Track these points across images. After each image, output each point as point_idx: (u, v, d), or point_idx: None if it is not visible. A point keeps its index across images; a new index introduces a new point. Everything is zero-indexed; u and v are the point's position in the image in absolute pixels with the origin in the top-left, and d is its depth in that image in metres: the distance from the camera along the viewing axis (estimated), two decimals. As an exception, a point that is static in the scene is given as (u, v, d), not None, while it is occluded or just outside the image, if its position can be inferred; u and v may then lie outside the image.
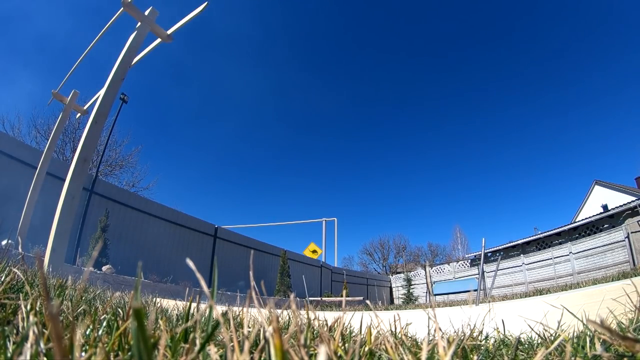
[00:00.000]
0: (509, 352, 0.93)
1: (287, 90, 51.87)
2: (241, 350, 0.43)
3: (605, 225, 17.27)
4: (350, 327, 1.31)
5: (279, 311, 1.26)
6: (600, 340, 0.85)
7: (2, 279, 1.18)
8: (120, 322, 0.67)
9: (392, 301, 28.53)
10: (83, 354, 0.57)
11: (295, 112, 53.68)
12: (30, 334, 0.48)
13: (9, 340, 0.56)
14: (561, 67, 42.97)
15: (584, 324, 1.01)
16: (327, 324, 1.20)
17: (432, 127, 54.08)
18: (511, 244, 22.52)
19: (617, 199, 20.61)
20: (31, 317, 0.64)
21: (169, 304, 2.24)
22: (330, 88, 53.29)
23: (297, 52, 50.27)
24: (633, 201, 15.91)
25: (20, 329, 0.67)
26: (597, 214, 17.94)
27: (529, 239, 21.48)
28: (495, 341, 1.14)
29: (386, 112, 54.48)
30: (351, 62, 51.81)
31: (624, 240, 15.34)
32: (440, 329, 0.68)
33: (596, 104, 42.15)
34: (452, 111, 52.74)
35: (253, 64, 48.82)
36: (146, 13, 5.66)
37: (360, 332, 1.05)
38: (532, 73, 45.51)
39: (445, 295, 23.83)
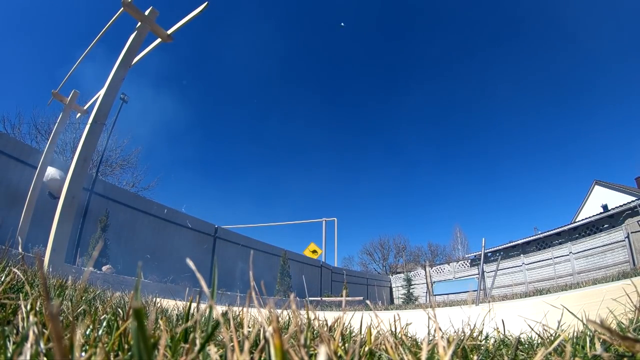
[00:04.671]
0: (509, 352, 0.93)
1: (288, 92, 51.89)
2: (241, 350, 0.43)
3: (605, 225, 17.27)
4: (350, 327, 1.31)
5: (279, 311, 1.26)
6: (600, 340, 0.85)
7: (2, 279, 1.18)
8: (120, 322, 0.67)
9: (392, 301, 28.52)
10: (83, 354, 0.57)
11: (296, 113, 53.72)
12: (30, 334, 0.48)
13: (9, 340, 0.56)
14: (560, 66, 43.01)
15: (584, 324, 1.01)
16: (327, 324, 1.20)
17: (432, 126, 54.13)
18: (511, 244, 22.52)
19: (617, 199, 20.61)
20: (31, 317, 0.64)
21: (169, 304, 2.24)
22: (329, 87, 53.33)
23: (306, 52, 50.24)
24: (633, 201, 15.92)
25: (20, 329, 0.67)
26: (597, 214, 17.95)
27: (529, 239, 21.49)
28: (495, 341, 1.14)
29: (386, 112, 54.51)
30: (353, 59, 51.86)
31: (624, 240, 15.34)
32: (440, 329, 0.68)
33: (596, 104, 42.19)
34: (452, 110, 52.77)
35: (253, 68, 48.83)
36: (146, 13, 5.66)
37: (360, 332, 1.05)
38: (532, 73, 45.54)
39: (445, 295, 23.83)
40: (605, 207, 21.02)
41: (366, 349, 0.73)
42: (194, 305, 0.80)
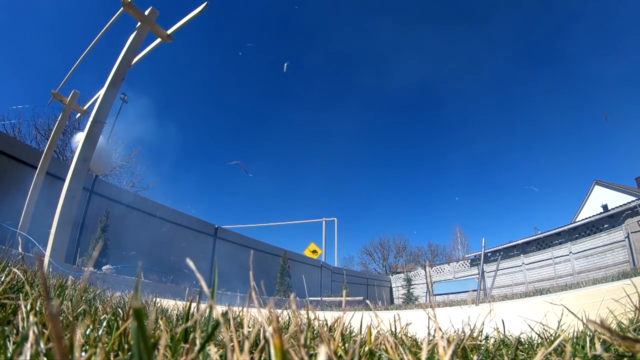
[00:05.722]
0: (509, 352, 0.93)
1: (288, 92, 51.87)
2: (241, 350, 0.43)
3: (605, 225, 17.27)
4: (350, 327, 1.31)
5: (279, 311, 1.26)
6: (600, 340, 0.85)
7: (2, 279, 1.18)
8: (120, 322, 0.67)
9: (392, 301, 28.53)
10: (83, 354, 0.57)
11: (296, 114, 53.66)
12: (30, 334, 0.48)
13: (9, 340, 0.56)
14: (560, 67, 43.00)
15: (584, 324, 1.01)
16: (327, 324, 1.20)
17: (430, 125, 54.12)
18: (511, 244, 22.52)
19: (617, 199, 20.60)
20: (31, 317, 0.64)
21: (169, 304, 2.24)
22: (331, 90, 53.29)
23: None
24: (633, 201, 15.92)
25: (20, 329, 0.67)
26: (597, 214, 17.94)
27: (529, 239, 21.49)
28: (495, 341, 1.14)
29: (386, 114, 54.50)
30: (352, 59, 51.80)
31: (624, 240, 15.35)
32: (440, 329, 0.68)
33: (596, 104, 42.16)
34: (452, 111, 52.77)
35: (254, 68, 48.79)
36: (146, 13, 5.66)
37: (360, 332, 1.05)
38: (532, 74, 45.54)
39: (445, 295, 23.83)
40: (605, 207, 21.01)
41: (366, 349, 0.73)
42: (194, 305, 0.81)
